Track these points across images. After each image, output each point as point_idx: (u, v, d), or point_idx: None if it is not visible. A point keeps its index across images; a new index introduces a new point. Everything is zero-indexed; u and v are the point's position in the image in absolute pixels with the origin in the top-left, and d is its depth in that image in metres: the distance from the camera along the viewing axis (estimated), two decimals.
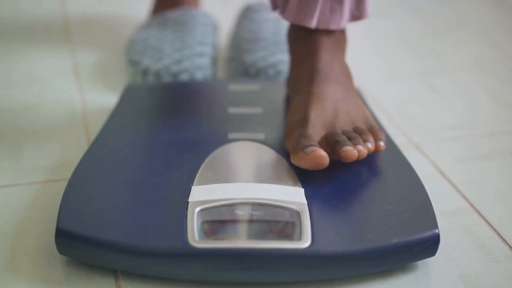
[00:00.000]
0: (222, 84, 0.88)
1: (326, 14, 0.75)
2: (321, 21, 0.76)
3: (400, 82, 1.02)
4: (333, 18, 0.76)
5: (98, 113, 0.88)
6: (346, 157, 0.66)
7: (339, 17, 0.76)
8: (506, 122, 0.91)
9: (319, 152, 0.66)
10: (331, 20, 0.76)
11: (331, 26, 0.76)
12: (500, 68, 1.06)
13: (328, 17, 0.76)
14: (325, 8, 0.75)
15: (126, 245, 0.59)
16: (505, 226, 0.70)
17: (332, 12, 0.76)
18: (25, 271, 0.62)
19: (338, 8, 0.76)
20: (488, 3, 1.33)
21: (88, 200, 0.64)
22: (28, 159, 0.79)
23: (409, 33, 1.20)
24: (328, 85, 0.75)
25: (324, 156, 0.66)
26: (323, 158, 0.66)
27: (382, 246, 0.60)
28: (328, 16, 0.76)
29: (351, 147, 0.67)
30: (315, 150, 0.66)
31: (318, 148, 0.66)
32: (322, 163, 0.66)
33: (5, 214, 0.69)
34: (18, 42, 1.11)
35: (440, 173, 0.79)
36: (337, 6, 0.75)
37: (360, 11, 0.78)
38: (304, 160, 0.67)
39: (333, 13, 0.76)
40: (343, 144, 0.67)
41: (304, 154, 0.67)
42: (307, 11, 0.75)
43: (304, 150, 0.67)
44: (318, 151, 0.66)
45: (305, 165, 0.67)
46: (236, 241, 0.60)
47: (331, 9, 0.75)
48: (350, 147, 0.67)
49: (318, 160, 0.66)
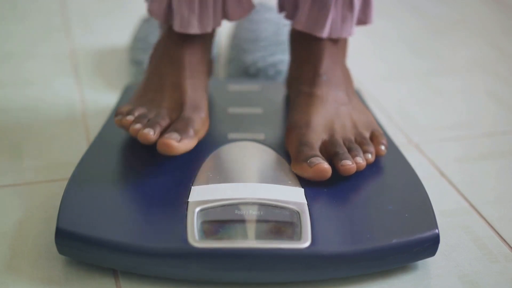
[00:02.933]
0: (222, 84, 0.88)
1: (338, 23, 0.74)
2: (333, 31, 0.74)
3: (400, 82, 1.02)
4: (345, 26, 0.75)
5: (98, 113, 0.88)
6: (344, 171, 0.67)
7: (350, 25, 0.75)
8: (506, 122, 0.91)
9: (323, 166, 0.66)
10: (343, 29, 0.75)
11: (343, 35, 0.75)
12: (500, 68, 1.06)
13: (340, 26, 0.74)
14: (336, 16, 0.74)
15: (126, 245, 0.59)
16: (505, 226, 0.70)
17: (343, 20, 0.74)
18: (25, 271, 0.62)
19: (349, 16, 0.74)
20: (488, 3, 1.33)
21: (88, 200, 0.65)
22: (28, 159, 0.79)
23: (409, 33, 1.20)
24: (330, 89, 0.74)
25: (328, 170, 0.66)
26: (327, 171, 0.66)
27: (382, 246, 0.60)
28: (340, 25, 0.74)
29: (350, 162, 0.67)
30: (319, 163, 0.66)
31: (321, 161, 0.67)
32: (325, 176, 0.67)
33: (5, 214, 0.69)
34: (17, 42, 1.11)
35: (440, 173, 0.79)
36: (348, 14, 0.74)
37: (366, 16, 0.77)
38: (307, 172, 0.67)
39: (345, 22, 0.74)
40: (341, 158, 0.67)
41: (307, 165, 0.67)
42: (318, 20, 0.74)
43: (307, 161, 0.67)
44: (322, 164, 0.66)
45: (307, 176, 0.67)
46: (236, 241, 0.60)
47: (342, 18, 0.74)
48: (348, 161, 0.67)
49: (322, 173, 0.66)
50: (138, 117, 0.70)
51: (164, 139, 0.65)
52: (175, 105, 0.72)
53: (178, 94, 0.72)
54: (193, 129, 0.69)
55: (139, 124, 0.68)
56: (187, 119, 0.69)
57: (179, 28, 0.73)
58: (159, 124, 0.68)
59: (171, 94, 0.72)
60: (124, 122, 0.70)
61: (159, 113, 0.70)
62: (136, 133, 0.68)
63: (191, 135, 0.68)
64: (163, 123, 0.69)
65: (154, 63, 0.76)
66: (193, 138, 0.68)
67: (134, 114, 0.70)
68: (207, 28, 0.73)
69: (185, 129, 0.68)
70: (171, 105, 0.72)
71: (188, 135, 0.67)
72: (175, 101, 0.72)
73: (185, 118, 0.70)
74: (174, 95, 0.72)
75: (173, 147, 0.65)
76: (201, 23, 0.73)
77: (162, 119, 0.69)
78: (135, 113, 0.71)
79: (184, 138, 0.67)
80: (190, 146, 0.67)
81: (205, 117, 0.72)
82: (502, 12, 1.29)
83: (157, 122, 0.69)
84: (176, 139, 0.66)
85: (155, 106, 0.72)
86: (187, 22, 0.72)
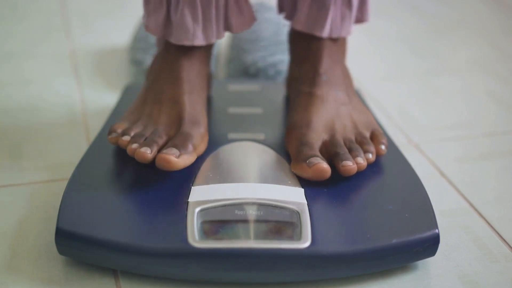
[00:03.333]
0: (222, 84, 0.88)
1: (337, 22, 0.74)
2: (333, 30, 0.75)
3: (400, 82, 1.02)
4: (344, 25, 0.75)
5: (98, 113, 0.88)
6: (345, 172, 0.67)
7: (349, 23, 0.75)
8: (506, 122, 0.91)
9: (322, 166, 0.66)
10: (343, 28, 0.75)
11: (342, 34, 0.75)
12: (500, 68, 1.06)
13: (340, 25, 0.75)
14: (336, 15, 0.74)
15: (126, 245, 0.59)
16: (505, 226, 0.70)
17: (343, 19, 0.74)
18: (25, 271, 0.62)
19: (348, 14, 0.74)
20: (488, 3, 1.33)
21: (88, 200, 0.65)
22: (28, 159, 0.79)
23: (409, 32, 1.20)
24: (330, 88, 0.74)
25: (327, 170, 0.66)
26: (326, 171, 0.66)
27: (382, 246, 0.60)
28: (339, 24, 0.74)
29: (350, 162, 0.67)
30: (318, 163, 0.66)
31: (320, 161, 0.67)
32: (324, 176, 0.66)
33: (5, 214, 0.69)
34: (17, 42, 1.11)
35: (440, 173, 0.79)
36: (347, 13, 0.74)
37: (363, 14, 0.77)
38: (306, 172, 0.67)
39: (344, 20, 0.74)
40: (342, 158, 0.67)
41: (306, 165, 0.67)
42: (318, 20, 0.74)
43: (307, 161, 0.67)
44: (321, 164, 0.66)
45: (307, 176, 0.67)
46: (236, 241, 0.60)
47: (342, 17, 0.74)
48: (349, 162, 0.67)
49: (321, 173, 0.66)
50: (134, 137, 0.69)
51: (163, 155, 0.65)
52: (173, 120, 0.71)
53: (176, 110, 0.71)
54: (192, 145, 0.68)
55: (136, 144, 0.68)
56: (186, 135, 0.69)
57: (183, 41, 0.71)
58: (156, 143, 0.68)
59: (169, 110, 0.71)
60: (121, 143, 0.69)
61: (156, 131, 0.70)
62: (133, 152, 0.67)
63: (190, 150, 0.67)
64: (160, 141, 0.68)
65: (151, 78, 0.75)
66: (192, 153, 0.68)
67: (130, 133, 0.69)
68: (211, 39, 0.73)
69: (184, 145, 0.67)
70: (168, 121, 0.71)
71: (187, 151, 0.67)
72: (173, 116, 0.71)
73: (184, 134, 0.69)
74: (172, 110, 0.71)
75: (172, 162, 0.65)
76: (205, 34, 0.72)
77: (159, 137, 0.69)
78: (131, 132, 0.70)
79: (183, 153, 0.66)
80: (189, 162, 0.67)
81: (204, 132, 0.72)
82: (502, 12, 1.29)
83: (154, 141, 0.68)
84: (175, 154, 0.66)
85: (152, 122, 0.71)
86: (192, 34, 0.71)
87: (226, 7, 0.73)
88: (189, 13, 0.71)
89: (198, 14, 0.71)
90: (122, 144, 0.69)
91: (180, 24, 0.71)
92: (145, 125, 0.71)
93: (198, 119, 0.71)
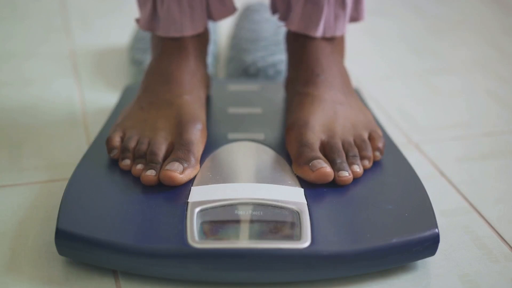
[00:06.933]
0: (221, 84, 0.88)
1: (331, 21, 0.74)
2: (326, 29, 0.75)
3: (400, 81, 1.02)
4: (338, 25, 0.75)
5: (98, 113, 0.88)
6: (341, 182, 0.67)
7: (343, 23, 0.75)
8: (506, 122, 0.91)
9: (325, 170, 0.66)
10: (336, 27, 0.75)
11: (336, 33, 0.75)
12: (500, 68, 1.06)
13: (334, 25, 0.75)
14: (329, 15, 0.74)
15: (126, 246, 0.59)
16: (505, 225, 0.70)
17: (336, 19, 0.75)
18: (25, 271, 0.62)
19: (341, 14, 0.75)
20: (488, 3, 1.33)
21: (88, 200, 0.65)
22: (28, 159, 0.79)
23: (410, 32, 1.20)
24: (327, 88, 0.74)
25: (330, 174, 0.66)
26: (329, 175, 0.66)
27: (382, 245, 0.60)
28: (333, 23, 0.75)
29: (347, 173, 0.67)
30: (321, 167, 0.66)
31: (324, 165, 0.67)
32: (327, 180, 0.67)
33: (5, 214, 0.69)
34: (17, 42, 1.11)
35: (440, 173, 0.79)
36: (341, 12, 0.74)
37: (358, 13, 0.77)
38: (309, 176, 0.67)
39: (338, 20, 0.75)
40: (339, 168, 0.67)
41: (309, 169, 0.67)
42: (311, 20, 0.74)
43: (309, 165, 0.67)
44: (324, 168, 0.66)
45: (310, 179, 0.67)
46: (236, 241, 0.60)
47: (335, 16, 0.74)
48: (345, 172, 0.67)
49: (324, 177, 0.66)
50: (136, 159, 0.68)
51: (167, 172, 0.65)
52: (170, 124, 0.70)
53: (172, 112, 0.71)
54: (194, 156, 0.68)
55: (140, 165, 0.67)
56: (187, 144, 0.68)
57: (171, 32, 0.72)
58: (158, 161, 0.67)
59: (165, 112, 0.71)
60: (123, 167, 0.69)
61: (154, 142, 0.69)
62: (138, 175, 0.67)
63: (193, 163, 0.67)
64: (161, 154, 0.68)
65: (146, 83, 0.75)
66: (195, 166, 0.68)
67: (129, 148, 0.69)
68: (199, 28, 0.74)
69: (187, 158, 0.67)
70: (166, 125, 0.70)
71: (190, 164, 0.67)
72: (170, 119, 0.71)
73: (185, 143, 0.68)
74: (168, 113, 0.71)
75: (177, 179, 0.65)
76: (192, 24, 0.73)
77: (158, 149, 0.68)
78: (130, 146, 0.69)
79: (187, 168, 0.66)
80: (192, 175, 0.67)
81: (203, 128, 0.71)
82: (502, 12, 1.29)
83: (156, 159, 0.67)
84: (178, 170, 0.66)
85: (149, 127, 0.70)
86: (180, 25, 0.72)
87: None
88: (174, 4, 0.71)
89: (183, 4, 0.72)
90: (124, 168, 0.69)
91: (166, 16, 0.72)
92: (141, 131, 0.70)
93: (195, 117, 0.71)
